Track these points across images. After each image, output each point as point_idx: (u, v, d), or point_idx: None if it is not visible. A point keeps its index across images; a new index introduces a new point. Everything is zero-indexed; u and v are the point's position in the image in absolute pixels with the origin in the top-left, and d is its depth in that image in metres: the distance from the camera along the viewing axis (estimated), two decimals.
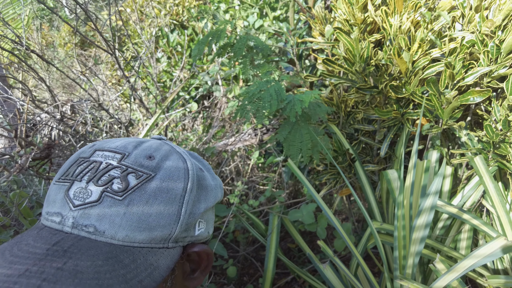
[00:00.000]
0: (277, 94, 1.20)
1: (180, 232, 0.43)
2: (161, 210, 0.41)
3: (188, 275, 0.48)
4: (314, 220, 1.50)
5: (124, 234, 0.39)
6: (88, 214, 0.39)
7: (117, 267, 0.37)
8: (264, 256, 2.41)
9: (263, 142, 2.30)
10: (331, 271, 1.59)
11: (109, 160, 0.42)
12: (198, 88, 2.92)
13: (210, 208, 0.48)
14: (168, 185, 0.42)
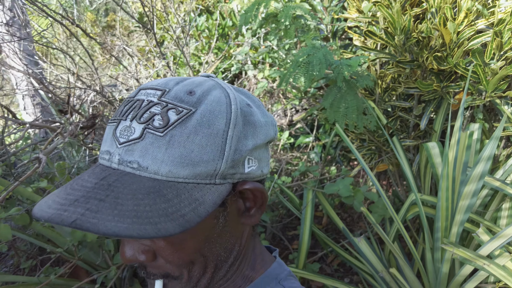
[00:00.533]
0: (325, 58, 1.21)
1: (227, 169, 0.43)
2: (204, 145, 0.41)
3: (243, 212, 0.48)
4: (351, 193, 1.51)
5: (167, 170, 0.40)
6: (131, 151, 0.40)
7: (158, 201, 0.38)
8: (292, 235, 2.44)
9: (293, 122, 2.32)
10: (365, 244, 1.60)
11: (151, 98, 0.42)
12: (225, 72, 2.96)
13: (262, 145, 0.47)
14: (209, 120, 0.41)
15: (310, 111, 2.06)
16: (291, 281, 0.53)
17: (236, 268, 0.51)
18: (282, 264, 0.56)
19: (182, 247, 0.43)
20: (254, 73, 2.54)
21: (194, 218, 0.39)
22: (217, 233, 0.45)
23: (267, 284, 0.52)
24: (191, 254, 0.44)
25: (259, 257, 0.54)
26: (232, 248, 0.49)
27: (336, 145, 2.16)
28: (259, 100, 0.51)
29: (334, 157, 2.26)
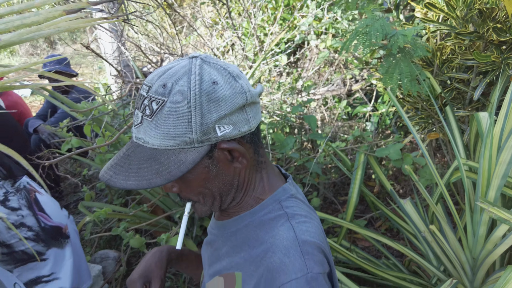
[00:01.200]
0: (382, 28, 1.34)
1: (199, 137, 0.58)
2: (175, 125, 0.57)
3: (232, 160, 0.64)
4: (400, 156, 1.63)
5: (158, 142, 0.59)
6: (139, 131, 0.61)
7: (153, 164, 0.59)
8: (343, 200, 2.60)
9: (352, 92, 2.42)
10: (410, 206, 1.72)
11: (143, 92, 0.61)
12: (288, 43, 3.09)
13: (232, 113, 0.60)
14: (175, 106, 0.57)
15: (368, 79, 2.15)
16: (290, 201, 0.70)
17: (243, 194, 0.70)
18: (287, 189, 0.72)
19: (190, 185, 0.65)
20: (316, 43, 2.66)
21: (177, 173, 0.58)
22: (213, 175, 0.65)
23: (271, 205, 0.70)
24: (197, 189, 0.66)
25: (268, 184, 0.72)
26: (232, 183, 0.68)
27: (392, 115, 2.24)
28: (236, 69, 0.64)
29: (390, 126, 2.34)
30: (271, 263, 0.61)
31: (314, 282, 0.59)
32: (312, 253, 0.62)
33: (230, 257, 0.70)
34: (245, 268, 0.66)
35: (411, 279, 1.64)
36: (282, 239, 0.63)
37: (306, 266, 0.60)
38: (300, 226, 0.65)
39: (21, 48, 9.38)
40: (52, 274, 1.45)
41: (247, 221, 0.70)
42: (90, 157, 2.51)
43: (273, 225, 0.67)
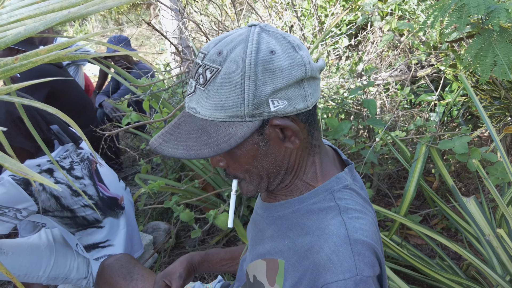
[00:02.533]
0: (484, 0, 1.17)
1: (251, 110, 0.56)
2: (227, 95, 0.55)
3: (284, 139, 0.61)
4: (466, 151, 1.48)
5: (210, 113, 0.57)
6: (191, 100, 0.60)
7: (203, 135, 0.58)
8: (398, 194, 2.47)
9: (416, 78, 2.24)
10: (474, 205, 1.58)
11: (198, 60, 0.59)
12: (350, 24, 2.93)
13: (288, 86, 0.56)
14: (229, 76, 0.55)
15: (437, 66, 1.97)
16: (343, 192, 0.65)
17: (292, 177, 0.67)
18: (342, 178, 0.67)
19: (239, 161, 0.62)
20: (380, 25, 2.49)
21: (225, 146, 0.56)
22: (262, 153, 0.61)
23: (321, 194, 0.65)
24: (245, 166, 0.63)
25: (320, 170, 0.68)
26: (281, 164, 0.64)
27: (461, 105, 2.04)
28: (297, 39, 0.60)
29: (457, 118, 2.14)
30: (318, 258, 0.58)
31: (362, 285, 0.55)
32: (364, 254, 0.58)
33: (274, 242, 0.68)
34: (289, 257, 0.63)
35: (468, 284, 1.51)
36: (332, 234, 0.59)
37: (356, 268, 0.56)
38: (353, 222, 0.61)
39: (93, 30, 10.07)
40: (107, 241, 1.55)
41: (294, 207, 0.67)
42: (148, 132, 2.63)
43: (322, 216, 0.63)
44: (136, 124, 1.45)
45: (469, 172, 2.50)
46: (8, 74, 0.61)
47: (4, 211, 1.23)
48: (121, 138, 3.59)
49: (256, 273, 0.71)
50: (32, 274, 1.45)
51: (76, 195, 1.40)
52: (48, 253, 1.51)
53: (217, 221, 1.48)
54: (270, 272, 0.66)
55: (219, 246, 2.07)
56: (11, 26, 0.76)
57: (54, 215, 1.39)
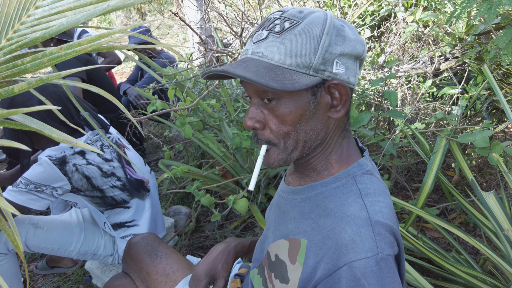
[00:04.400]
0: None
1: (318, 64, 0.60)
2: (303, 43, 0.59)
3: (330, 107, 0.65)
4: (487, 145, 1.47)
5: (278, 57, 0.60)
6: (259, 46, 0.62)
7: (270, 73, 0.59)
8: (416, 187, 2.46)
9: (439, 71, 2.21)
10: (494, 200, 1.57)
11: (276, 15, 0.64)
12: (373, 15, 2.89)
13: (350, 56, 0.63)
14: (309, 27, 0.60)
15: (462, 59, 1.94)
16: (364, 177, 0.69)
17: (320, 151, 0.70)
18: (363, 164, 0.71)
19: (284, 120, 0.64)
20: (404, 16, 2.45)
21: (290, 87, 0.58)
22: (309, 116, 0.64)
23: (344, 178, 0.69)
24: (287, 127, 0.65)
25: (345, 154, 0.71)
26: (319, 133, 0.67)
27: (485, 99, 2.01)
28: (353, 26, 0.67)
29: (480, 111, 2.11)
30: (340, 238, 0.62)
31: (383, 263, 0.59)
32: (384, 234, 0.62)
33: (297, 223, 0.72)
34: (312, 236, 0.67)
35: (484, 278, 1.52)
36: (354, 217, 0.63)
37: (377, 247, 0.60)
38: (373, 206, 0.64)
39: (117, 19, 10.24)
40: (133, 221, 1.64)
41: (318, 190, 0.71)
42: (171, 120, 2.71)
43: (344, 199, 0.66)
44: (162, 111, 1.51)
45: (491, 167, 2.46)
46: (53, 62, 0.67)
47: (42, 188, 1.32)
48: (144, 125, 3.70)
49: (278, 252, 0.74)
50: (64, 248, 1.56)
51: (105, 176, 1.49)
52: (78, 230, 1.61)
53: (236, 206, 1.54)
54: (292, 251, 0.70)
55: (238, 231, 2.14)
56: (53, 18, 0.82)
57: (85, 194, 1.48)
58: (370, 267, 0.58)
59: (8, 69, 0.69)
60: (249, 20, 1.91)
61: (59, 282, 1.92)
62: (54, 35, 0.71)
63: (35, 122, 0.61)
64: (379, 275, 0.58)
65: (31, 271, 2.00)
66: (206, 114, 1.84)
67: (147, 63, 2.01)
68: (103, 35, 0.67)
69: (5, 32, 0.83)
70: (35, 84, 0.62)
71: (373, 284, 0.58)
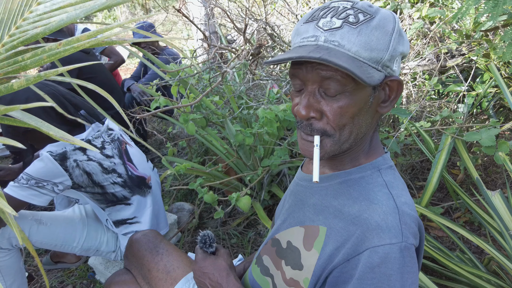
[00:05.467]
0: None
1: (387, 60, 0.61)
2: (379, 38, 0.59)
3: (381, 102, 0.66)
4: (494, 143, 1.45)
5: (355, 49, 0.59)
6: (334, 34, 0.59)
7: (356, 62, 0.58)
8: (420, 186, 2.44)
9: (446, 68, 2.18)
10: (499, 199, 1.55)
11: (345, 5, 0.61)
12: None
13: (403, 56, 0.65)
14: (384, 23, 0.60)
15: (469, 56, 1.91)
16: (389, 171, 0.70)
17: (358, 144, 0.70)
18: (387, 159, 0.73)
19: (346, 111, 0.63)
20: (410, 13, 2.42)
21: (370, 81, 0.58)
22: (366, 109, 0.64)
23: (369, 170, 0.70)
24: (348, 118, 0.63)
25: (373, 148, 0.73)
26: (368, 126, 0.68)
27: (492, 97, 1.98)
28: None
29: (487, 109, 2.08)
30: (366, 224, 0.63)
31: (406, 251, 0.60)
32: (410, 224, 0.63)
33: (316, 209, 0.72)
34: (333, 224, 0.67)
35: (489, 278, 1.50)
36: (382, 204, 0.64)
37: (402, 235, 0.61)
38: (400, 197, 0.66)
39: (122, 16, 10.26)
40: (134, 218, 1.64)
41: (341, 179, 0.71)
42: (175, 117, 2.71)
43: (370, 189, 0.68)
44: (165, 108, 1.50)
45: (497, 166, 2.43)
46: (53, 58, 0.67)
47: (43, 184, 1.32)
48: (148, 121, 3.71)
49: (291, 239, 0.75)
50: (68, 244, 1.56)
51: (106, 172, 1.49)
52: (81, 226, 1.62)
53: (239, 203, 1.53)
54: (308, 237, 0.71)
55: (240, 229, 2.13)
56: (54, 14, 0.81)
57: (86, 190, 1.48)
58: (393, 254, 0.59)
59: (9, 65, 0.69)
60: (253, 16, 1.89)
61: (63, 277, 1.93)
62: (53, 32, 0.70)
63: (33, 119, 0.61)
64: (400, 262, 0.59)
65: (35, 266, 2.02)
66: (209, 111, 1.83)
67: (151, 60, 2.01)
68: (101, 30, 0.67)
69: (7, 28, 0.83)
70: (33, 80, 0.62)
71: (394, 270, 0.59)
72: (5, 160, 3.46)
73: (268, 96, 1.96)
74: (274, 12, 3.05)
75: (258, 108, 1.88)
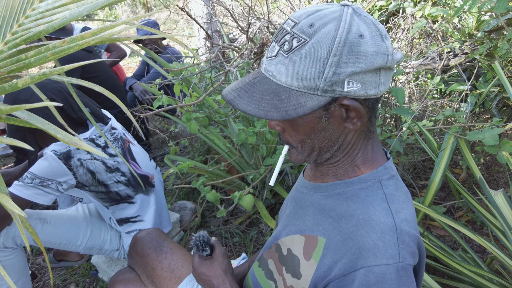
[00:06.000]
0: None
1: (325, 86, 0.58)
2: (308, 67, 0.57)
3: (345, 119, 0.63)
4: (497, 142, 1.45)
5: (285, 80, 0.59)
6: (270, 64, 0.61)
7: (275, 99, 0.60)
8: (422, 185, 2.44)
9: (448, 67, 2.18)
10: (502, 198, 1.55)
11: (287, 27, 0.60)
12: (381, 10, 2.86)
13: (367, 72, 0.57)
14: (315, 49, 0.56)
15: (472, 55, 1.90)
16: (390, 182, 0.67)
17: (343, 156, 0.69)
18: (389, 168, 0.69)
19: (297, 130, 0.66)
20: (413, 11, 2.42)
21: (293, 114, 0.59)
22: (321, 127, 0.64)
23: (369, 181, 0.67)
24: (301, 136, 0.66)
25: (371, 155, 0.70)
26: (335, 141, 0.66)
27: (495, 96, 1.98)
28: (384, 29, 0.61)
29: (490, 109, 2.08)
30: (363, 242, 0.61)
31: (403, 272, 0.59)
32: (408, 243, 0.61)
33: (316, 219, 0.71)
34: (332, 236, 0.66)
35: (491, 277, 1.50)
36: (379, 222, 0.62)
37: (399, 255, 0.59)
38: (399, 213, 0.64)
39: (123, 14, 10.26)
40: (138, 216, 1.65)
41: (341, 190, 0.70)
42: (178, 115, 2.71)
43: (369, 202, 0.65)
44: (168, 107, 1.51)
45: (499, 165, 2.43)
46: (57, 56, 0.67)
47: (48, 183, 1.33)
48: (150, 120, 3.71)
49: (291, 247, 0.74)
50: (71, 243, 1.57)
51: (110, 171, 1.49)
52: (85, 224, 1.62)
53: (241, 202, 1.53)
54: (308, 247, 0.70)
55: (243, 227, 2.14)
56: (57, 11, 0.81)
57: (90, 189, 1.49)
58: (389, 274, 0.58)
59: (12, 63, 0.69)
60: (256, 15, 1.89)
61: (66, 276, 1.94)
62: (56, 30, 0.70)
63: (40, 121, 0.61)
64: (397, 283, 0.58)
65: (39, 264, 2.03)
66: (212, 109, 1.84)
67: (153, 58, 2.01)
68: (105, 28, 0.67)
69: (10, 26, 0.83)
70: (38, 78, 0.62)
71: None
72: (7, 159, 3.47)
73: None
74: (276, 10, 3.05)
75: None
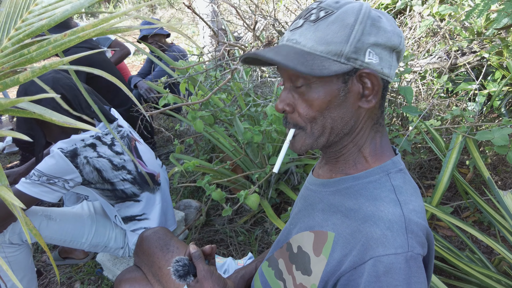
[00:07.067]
0: None
1: (350, 52, 0.60)
2: (336, 31, 0.60)
3: (361, 97, 0.64)
4: (507, 143, 1.43)
5: (311, 45, 0.61)
6: (294, 33, 0.64)
7: (300, 58, 0.60)
8: (429, 184, 2.42)
9: (456, 66, 2.16)
10: (511, 199, 1.53)
11: (313, 5, 0.65)
12: (387, 9, 2.83)
13: (384, 47, 0.62)
14: (343, 16, 0.60)
15: (482, 53, 1.88)
16: (398, 175, 0.68)
17: (350, 141, 0.69)
18: (397, 162, 0.70)
19: (312, 103, 0.65)
20: (420, 10, 2.40)
21: (318, 72, 0.59)
22: (337, 103, 0.64)
23: (377, 174, 0.68)
24: (314, 112, 0.65)
25: (379, 149, 0.70)
26: (348, 121, 0.66)
27: (504, 95, 1.95)
28: (391, 18, 0.66)
29: (498, 109, 2.05)
30: (371, 232, 0.61)
31: (413, 262, 0.58)
32: (417, 233, 0.61)
33: (325, 215, 0.71)
34: (341, 230, 0.66)
35: (499, 279, 1.48)
36: (388, 212, 0.62)
37: (408, 245, 0.59)
38: (408, 204, 0.63)
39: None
40: (143, 215, 1.65)
41: (349, 184, 0.70)
42: (183, 114, 2.71)
43: (377, 194, 0.66)
44: (173, 106, 1.50)
45: (507, 165, 2.40)
46: (58, 49, 0.66)
47: (54, 181, 1.33)
48: (155, 118, 3.71)
49: (301, 244, 0.74)
50: (76, 240, 1.57)
51: (116, 169, 1.49)
52: (90, 222, 1.62)
53: (247, 201, 1.53)
54: (317, 243, 0.69)
55: (247, 226, 2.13)
56: (59, 4, 0.81)
57: (96, 187, 1.48)
58: (398, 264, 0.57)
59: (15, 58, 0.69)
60: (261, 13, 1.88)
61: (71, 273, 1.94)
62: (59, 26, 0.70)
63: (37, 108, 0.60)
64: (407, 273, 0.57)
65: (44, 261, 2.03)
66: (217, 108, 1.83)
67: (158, 56, 2.00)
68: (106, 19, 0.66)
69: (14, 22, 0.83)
70: (39, 72, 0.61)
71: (400, 281, 0.57)
72: (13, 156, 3.48)
73: (276, 93, 1.95)
74: (282, 8, 3.04)
75: (265, 105, 1.87)
